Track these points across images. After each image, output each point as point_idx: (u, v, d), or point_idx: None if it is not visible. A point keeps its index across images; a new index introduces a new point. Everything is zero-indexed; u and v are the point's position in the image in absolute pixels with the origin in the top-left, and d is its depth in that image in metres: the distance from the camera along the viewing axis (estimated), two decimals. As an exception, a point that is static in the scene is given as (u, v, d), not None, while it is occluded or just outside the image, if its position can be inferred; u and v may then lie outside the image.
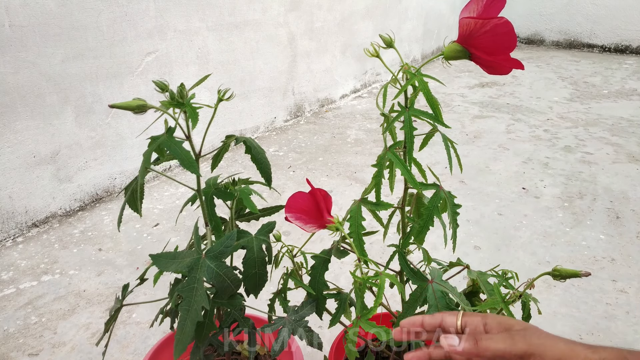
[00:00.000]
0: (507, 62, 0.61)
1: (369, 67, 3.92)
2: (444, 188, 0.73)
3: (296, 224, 0.72)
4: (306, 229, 0.73)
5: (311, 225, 0.72)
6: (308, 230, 0.72)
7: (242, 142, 0.77)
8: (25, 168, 1.88)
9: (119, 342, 1.34)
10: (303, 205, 0.72)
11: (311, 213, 0.72)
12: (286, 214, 0.72)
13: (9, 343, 1.35)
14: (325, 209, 0.72)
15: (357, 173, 2.41)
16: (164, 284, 1.04)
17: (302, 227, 0.72)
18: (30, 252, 1.78)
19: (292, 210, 0.72)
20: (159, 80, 0.66)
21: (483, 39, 0.60)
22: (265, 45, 2.84)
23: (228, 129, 2.74)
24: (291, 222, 0.72)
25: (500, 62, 0.61)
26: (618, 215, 1.97)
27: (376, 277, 0.67)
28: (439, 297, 0.67)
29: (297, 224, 0.72)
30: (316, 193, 0.71)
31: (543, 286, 1.54)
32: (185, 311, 0.64)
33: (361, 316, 0.68)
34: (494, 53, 0.61)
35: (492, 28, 0.58)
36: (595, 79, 4.20)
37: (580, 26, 5.45)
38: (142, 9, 2.13)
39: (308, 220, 0.72)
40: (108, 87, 2.08)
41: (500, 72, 0.62)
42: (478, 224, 1.92)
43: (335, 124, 3.14)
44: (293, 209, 0.72)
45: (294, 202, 0.72)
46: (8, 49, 1.73)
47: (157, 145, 0.65)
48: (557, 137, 2.87)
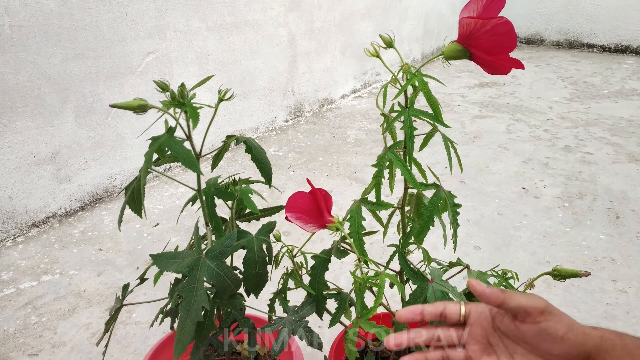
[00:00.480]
0: (507, 62, 0.61)
1: (369, 67, 3.92)
2: (444, 188, 0.73)
3: (296, 224, 0.72)
4: (306, 228, 0.73)
5: (311, 225, 0.72)
6: (308, 230, 0.72)
7: (242, 142, 0.77)
8: (25, 168, 1.88)
9: (119, 342, 1.34)
10: (303, 205, 0.72)
11: (311, 213, 0.72)
12: (286, 213, 0.72)
13: (9, 343, 1.35)
14: (326, 209, 0.72)
15: (357, 173, 2.41)
16: (164, 284, 1.04)
17: (302, 227, 0.72)
18: (30, 252, 1.78)
19: (292, 210, 0.72)
20: (160, 80, 0.67)
21: (483, 39, 0.60)
22: (265, 45, 2.84)
23: (228, 129, 2.74)
24: (291, 221, 0.72)
25: (501, 62, 0.61)
26: (618, 215, 1.97)
27: (376, 277, 0.67)
28: (439, 297, 0.67)
29: (297, 224, 0.72)
30: (316, 193, 0.71)
31: (543, 286, 1.54)
32: (185, 311, 0.64)
33: (361, 316, 0.68)
34: (494, 53, 0.61)
35: (492, 28, 0.58)
36: (595, 79, 4.20)
37: (580, 26, 5.45)
38: (142, 9, 2.13)
39: (308, 220, 0.72)
40: (108, 87, 2.08)
41: (501, 72, 0.62)
42: (478, 223, 1.92)
43: (335, 124, 3.14)
44: (293, 209, 0.72)
45: (294, 202, 0.72)
46: (8, 49, 1.73)
47: (158, 145, 0.65)
48: (557, 137, 2.87)
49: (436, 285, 0.68)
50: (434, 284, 0.68)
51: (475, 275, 0.76)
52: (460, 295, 0.69)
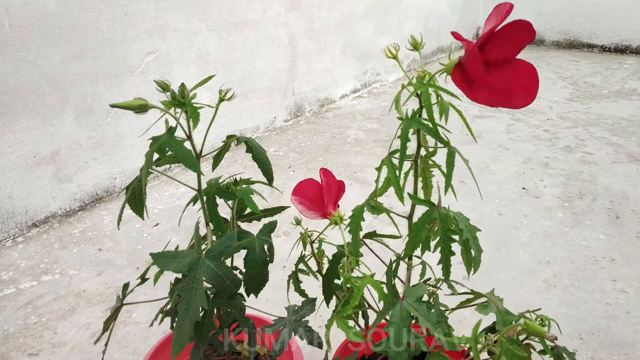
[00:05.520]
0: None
1: (369, 67, 3.92)
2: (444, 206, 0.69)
3: (298, 208, 0.73)
4: (307, 214, 0.73)
5: (313, 212, 0.73)
6: (308, 217, 0.73)
7: (243, 142, 0.77)
8: (25, 168, 1.87)
9: (119, 342, 1.34)
10: (310, 193, 0.73)
11: (316, 201, 0.73)
12: (292, 196, 0.73)
13: (9, 343, 1.35)
14: (332, 201, 0.73)
15: (357, 173, 2.41)
16: (164, 284, 1.04)
17: (303, 213, 0.73)
18: (30, 252, 1.78)
19: (298, 194, 0.73)
20: (161, 80, 0.67)
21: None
22: (265, 45, 2.84)
23: (228, 129, 2.74)
24: (294, 205, 0.73)
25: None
26: (618, 215, 1.97)
27: (359, 278, 0.67)
28: (404, 316, 0.63)
29: (299, 209, 0.73)
30: (326, 183, 0.72)
31: (543, 286, 1.54)
32: (183, 311, 0.64)
33: (339, 312, 0.67)
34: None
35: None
36: (595, 78, 4.20)
37: (580, 26, 5.45)
38: (142, 9, 2.13)
39: (311, 207, 0.73)
40: (108, 87, 2.08)
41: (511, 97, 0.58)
42: (478, 223, 1.92)
43: (335, 124, 3.14)
44: (299, 193, 0.73)
45: (303, 188, 0.73)
46: (8, 49, 1.73)
47: (159, 145, 0.65)
48: (557, 137, 2.87)
49: (405, 305, 0.64)
50: (403, 303, 0.65)
51: (493, 311, 0.67)
52: (432, 321, 0.63)
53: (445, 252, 0.67)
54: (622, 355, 1.26)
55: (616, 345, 1.29)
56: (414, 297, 0.66)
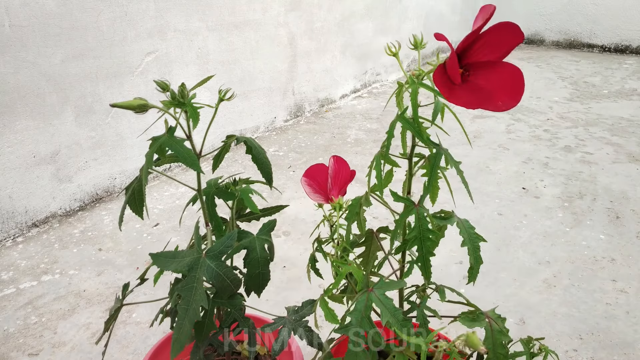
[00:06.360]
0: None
1: (369, 67, 3.92)
2: (423, 207, 0.69)
3: (305, 190, 0.79)
4: (312, 197, 0.79)
5: (318, 195, 0.79)
6: (313, 199, 0.79)
7: (243, 142, 0.77)
8: (25, 168, 1.87)
9: (119, 342, 1.34)
10: (318, 177, 0.79)
11: (323, 186, 0.79)
12: (302, 177, 0.80)
13: (9, 343, 1.35)
14: (337, 187, 0.80)
15: (357, 173, 2.41)
16: (164, 284, 1.04)
17: (309, 195, 0.79)
18: (30, 252, 1.78)
19: (308, 177, 0.79)
20: (161, 80, 0.67)
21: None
22: (265, 45, 2.84)
23: (228, 129, 2.74)
24: (302, 186, 0.80)
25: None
26: (618, 215, 1.97)
27: (341, 264, 0.71)
28: (368, 306, 0.64)
29: (306, 190, 0.79)
30: (334, 170, 0.79)
31: (543, 286, 1.54)
32: (183, 310, 0.64)
33: (323, 293, 0.70)
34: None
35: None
36: (595, 78, 4.20)
37: (580, 26, 5.45)
38: (142, 9, 2.13)
39: (317, 191, 0.79)
40: (108, 87, 2.08)
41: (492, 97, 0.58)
42: (478, 223, 1.92)
43: (335, 124, 3.14)
44: (309, 176, 0.79)
45: (313, 171, 0.79)
46: (8, 49, 1.73)
47: (159, 145, 0.65)
48: (557, 137, 2.87)
49: (372, 296, 0.65)
50: (371, 294, 0.65)
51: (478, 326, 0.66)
52: (396, 315, 0.63)
53: (422, 252, 0.67)
54: (622, 355, 1.26)
55: (616, 345, 1.29)
56: (382, 290, 0.66)
